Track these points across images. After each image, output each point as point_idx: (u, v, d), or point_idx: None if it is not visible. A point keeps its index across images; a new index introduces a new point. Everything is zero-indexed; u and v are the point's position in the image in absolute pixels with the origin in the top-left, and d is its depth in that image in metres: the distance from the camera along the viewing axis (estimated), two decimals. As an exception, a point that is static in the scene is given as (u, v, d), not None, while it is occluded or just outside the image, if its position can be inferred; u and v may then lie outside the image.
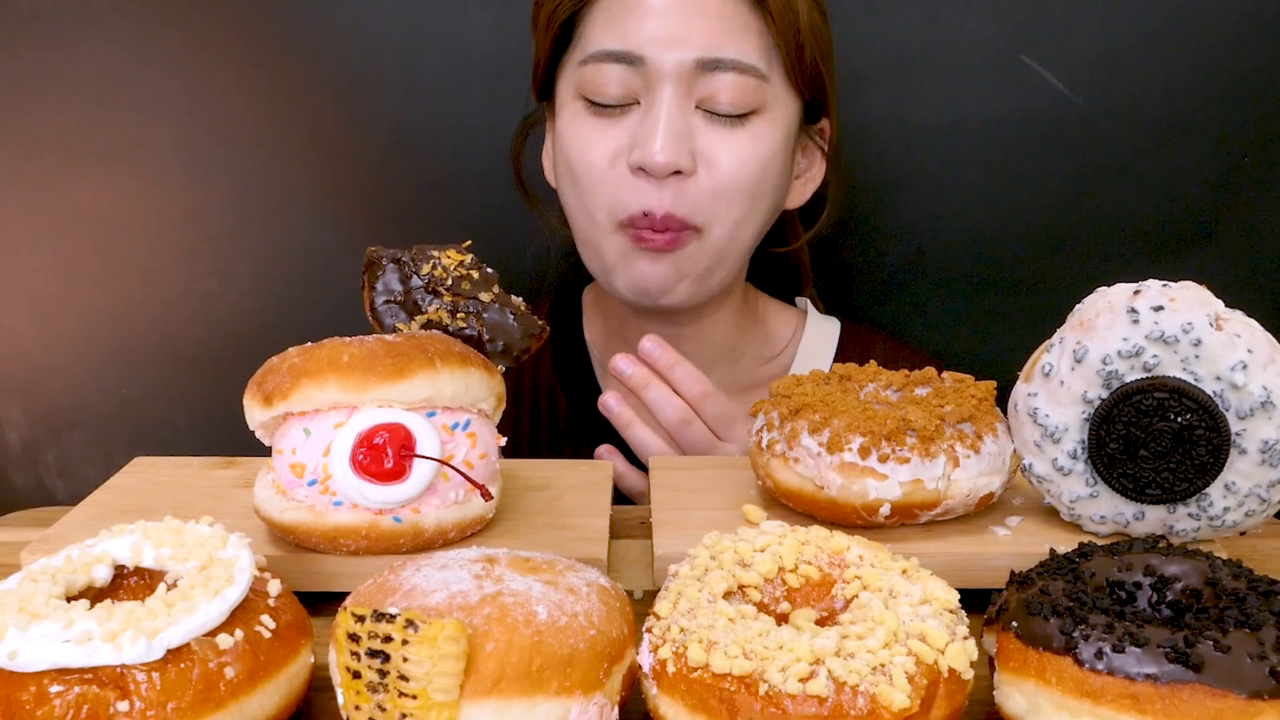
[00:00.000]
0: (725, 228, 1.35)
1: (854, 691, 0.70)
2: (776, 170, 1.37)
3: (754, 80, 1.31)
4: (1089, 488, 0.96)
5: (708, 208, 1.33)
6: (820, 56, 1.35)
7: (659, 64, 1.30)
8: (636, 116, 1.33)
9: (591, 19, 1.35)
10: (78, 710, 0.69)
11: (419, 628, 0.68)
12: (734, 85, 1.30)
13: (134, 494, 1.10)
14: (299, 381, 0.92)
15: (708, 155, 1.32)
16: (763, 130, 1.34)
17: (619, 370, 1.26)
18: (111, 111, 1.62)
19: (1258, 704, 0.70)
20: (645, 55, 1.30)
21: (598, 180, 1.35)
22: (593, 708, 0.73)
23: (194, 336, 1.71)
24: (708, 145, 1.32)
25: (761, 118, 1.33)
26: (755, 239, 1.41)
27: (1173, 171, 1.62)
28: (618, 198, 1.34)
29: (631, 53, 1.31)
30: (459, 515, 0.96)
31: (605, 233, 1.37)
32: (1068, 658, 0.73)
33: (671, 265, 1.36)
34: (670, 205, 1.31)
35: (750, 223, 1.37)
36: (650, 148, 1.29)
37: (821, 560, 0.84)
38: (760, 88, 1.32)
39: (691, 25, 1.29)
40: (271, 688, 0.76)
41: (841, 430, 0.96)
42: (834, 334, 1.59)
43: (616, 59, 1.32)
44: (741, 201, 1.34)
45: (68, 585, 0.79)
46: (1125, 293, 0.93)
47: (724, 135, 1.32)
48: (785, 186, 1.42)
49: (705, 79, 1.30)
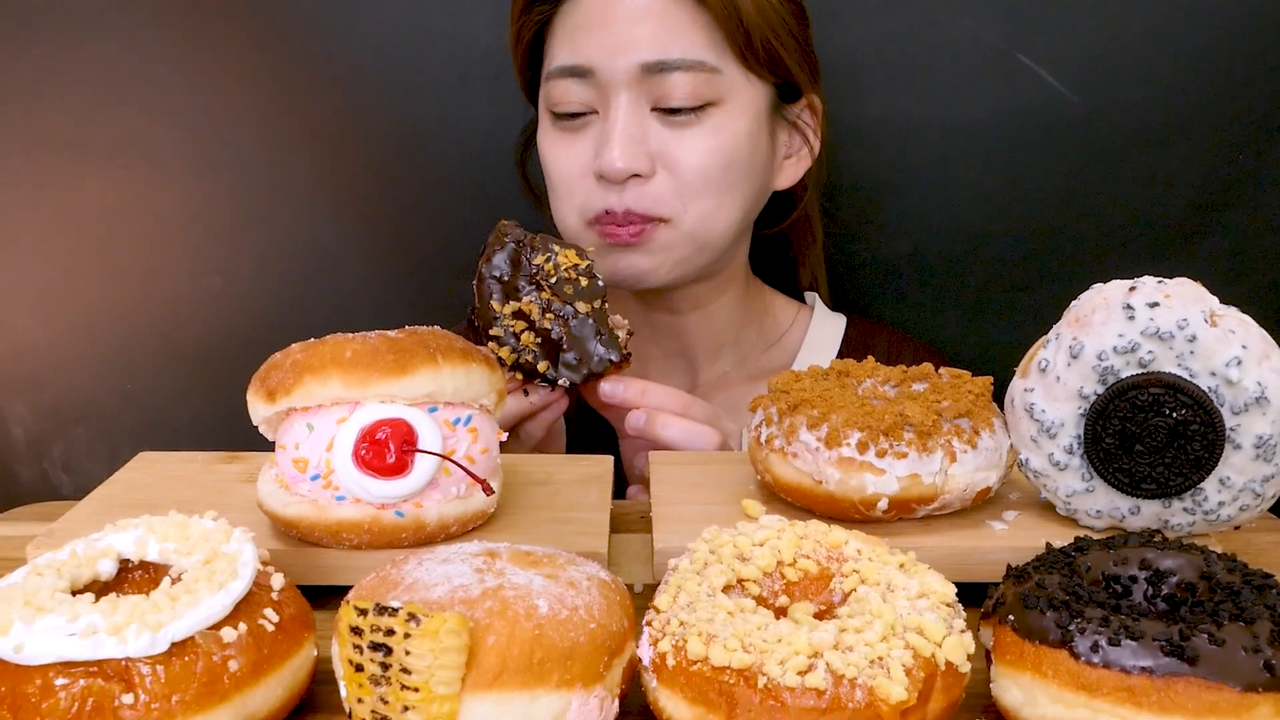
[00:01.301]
0: (694, 218, 1.36)
1: (852, 684, 0.70)
2: (745, 157, 1.37)
3: (704, 74, 1.32)
4: (1085, 482, 0.96)
5: (671, 203, 1.35)
6: (776, 37, 1.35)
7: (608, 73, 1.32)
8: (597, 126, 1.36)
9: (553, 36, 1.39)
10: (83, 703, 0.70)
11: (421, 621, 0.69)
12: (684, 83, 1.31)
13: (138, 489, 1.10)
14: (302, 377, 0.92)
15: (666, 155, 1.34)
16: (721, 122, 1.34)
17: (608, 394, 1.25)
18: (116, 109, 1.62)
19: (1252, 697, 0.70)
20: (595, 66, 1.33)
21: (568, 188, 1.39)
22: (593, 700, 0.73)
23: (198, 333, 1.71)
24: (665, 145, 1.34)
25: (719, 109, 1.34)
26: (740, 221, 1.42)
27: (1168, 169, 1.62)
28: (585, 201, 1.37)
29: (583, 65, 1.34)
30: (461, 510, 0.96)
31: (579, 231, 1.40)
32: (1064, 651, 0.73)
33: (644, 254, 1.38)
34: (631, 203, 1.34)
35: (724, 210, 1.38)
36: (608, 156, 1.32)
37: (820, 554, 0.85)
38: (712, 80, 1.32)
39: (635, 31, 1.31)
40: (275, 680, 0.76)
41: (840, 425, 0.96)
42: (839, 329, 1.60)
43: (571, 73, 1.35)
44: (708, 194, 1.36)
45: (73, 579, 0.79)
46: (1121, 289, 0.93)
47: (680, 134, 1.34)
48: (766, 169, 1.43)
49: (655, 81, 1.31)
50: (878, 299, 1.70)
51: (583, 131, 1.37)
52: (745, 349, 1.57)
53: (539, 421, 1.27)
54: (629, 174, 1.32)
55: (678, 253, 1.38)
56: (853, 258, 1.70)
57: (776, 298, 1.63)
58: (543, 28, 1.40)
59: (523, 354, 1.19)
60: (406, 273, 1.27)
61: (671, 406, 1.24)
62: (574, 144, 1.38)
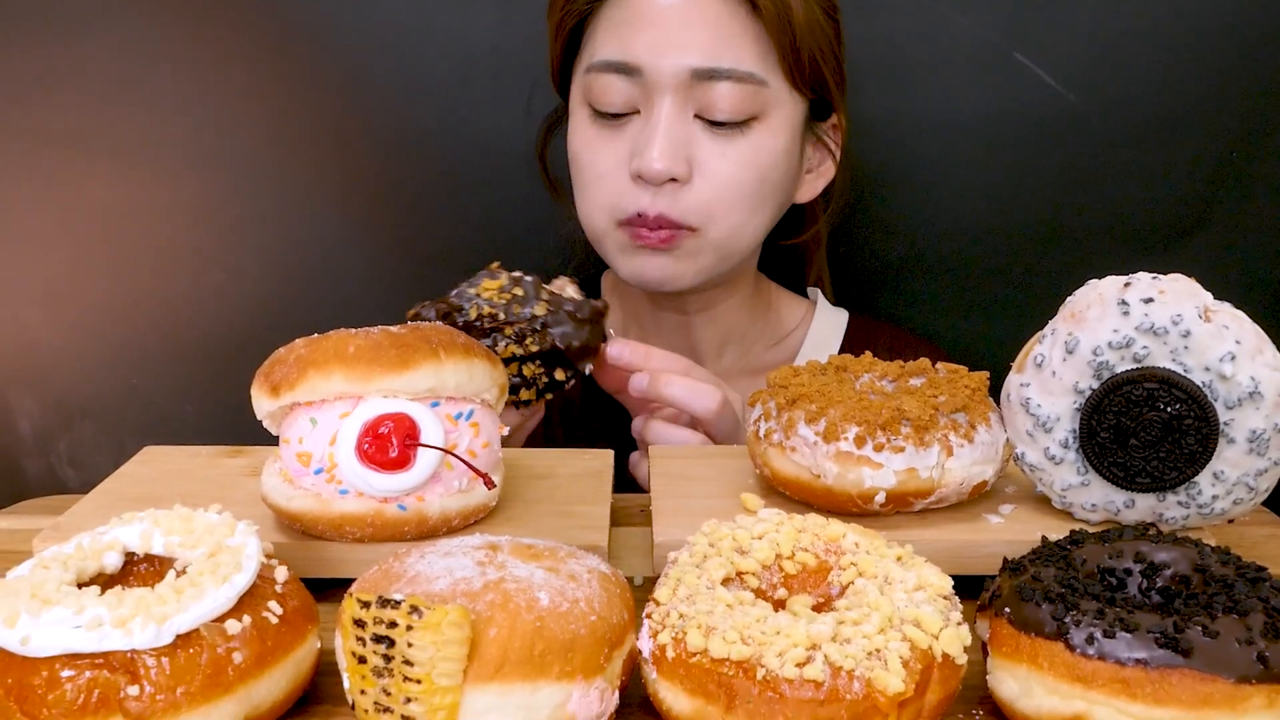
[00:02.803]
0: (722, 230, 1.36)
1: (850, 676, 0.71)
2: (780, 174, 1.37)
3: (751, 87, 1.30)
4: (1080, 476, 0.96)
5: (702, 213, 1.34)
6: (821, 55, 1.34)
7: (656, 74, 1.30)
8: (638, 125, 1.34)
9: (596, 27, 1.36)
10: (89, 694, 0.70)
11: (423, 614, 0.69)
12: (731, 94, 1.30)
13: (144, 482, 1.10)
14: (305, 372, 0.92)
15: (705, 164, 1.33)
16: (763, 138, 1.33)
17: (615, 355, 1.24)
18: (122, 107, 1.62)
19: (1245, 688, 0.70)
20: (643, 65, 1.31)
21: (600, 185, 1.37)
22: (594, 692, 0.74)
23: (203, 328, 1.71)
24: (705, 154, 1.32)
25: (762, 124, 1.33)
26: (762, 233, 1.42)
27: (1162, 166, 1.62)
28: (617, 200, 1.35)
29: (629, 63, 1.31)
30: (462, 503, 0.96)
31: (606, 229, 1.39)
32: (1059, 643, 0.74)
33: (671, 259, 1.37)
34: (664, 208, 1.33)
35: (752, 223, 1.38)
36: (647, 156, 1.30)
37: (818, 547, 0.85)
38: (758, 94, 1.31)
39: (687, 34, 1.29)
40: (278, 672, 0.76)
41: (838, 420, 0.96)
42: (842, 324, 1.60)
43: (616, 69, 1.33)
44: (740, 207, 1.35)
45: (79, 572, 0.79)
46: (1116, 285, 0.93)
47: (722, 144, 1.33)
48: (793, 183, 1.42)
49: (702, 88, 1.30)
50: (874, 295, 1.70)
51: (623, 130, 1.36)
52: (749, 345, 1.57)
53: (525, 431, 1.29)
54: (667, 177, 1.31)
55: (703, 261, 1.38)
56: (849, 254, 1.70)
57: (782, 295, 1.63)
58: (584, 19, 1.38)
59: (539, 381, 1.19)
60: (409, 269, 1.28)
61: (674, 368, 1.25)
62: (612, 141, 1.36)
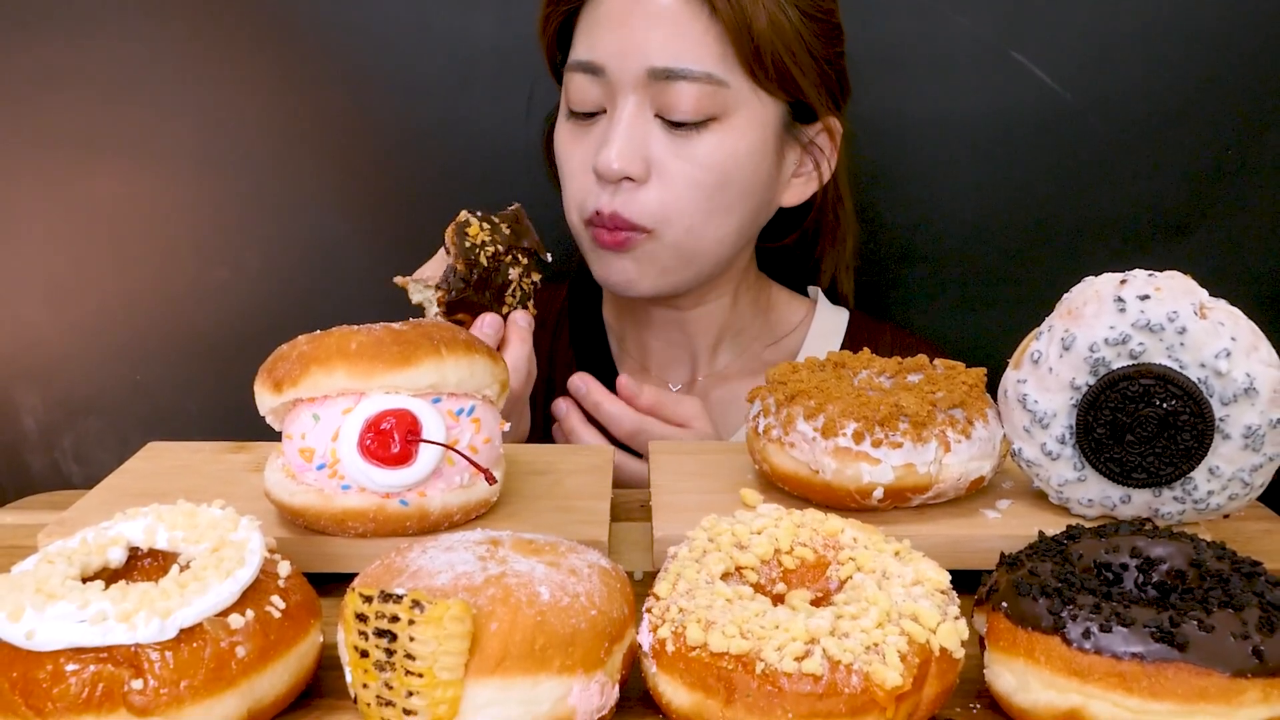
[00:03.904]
0: (677, 232, 1.35)
1: (848, 670, 0.71)
2: (745, 175, 1.36)
3: (710, 87, 1.30)
4: (1077, 472, 0.97)
5: (656, 214, 1.34)
6: (791, 57, 1.32)
7: (618, 74, 1.32)
8: (604, 124, 1.36)
9: (578, 28, 1.38)
10: (93, 688, 0.70)
11: (425, 608, 0.69)
12: (690, 94, 1.30)
13: (148, 478, 1.11)
14: (308, 368, 0.93)
15: (662, 164, 1.33)
16: (723, 139, 1.33)
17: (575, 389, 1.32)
18: (125, 106, 1.62)
19: (1241, 682, 0.71)
20: (606, 65, 1.32)
21: (571, 183, 1.40)
22: (594, 686, 0.74)
23: (206, 325, 1.71)
24: (663, 154, 1.33)
25: (722, 125, 1.33)
26: (735, 236, 1.41)
27: (1158, 164, 1.62)
28: (584, 199, 1.37)
29: (595, 63, 1.33)
30: (464, 499, 0.97)
31: (578, 228, 1.41)
32: (1056, 637, 0.74)
33: (630, 262, 1.38)
34: (619, 207, 1.33)
35: (713, 226, 1.37)
36: (604, 155, 1.31)
37: (816, 542, 0.85)
38: (718, 94, 1.31)
39: (648, 35, 1.30)
40: (281, 666, 0.76)
41: (836, 416, 0.97)
42: (842, 323, 1.60)
43: (585, 69, 1.34)
44: (697, 210, 1.35)
45: (83, 567, 0.79)
46: (1112, 282, 0.93)
47: (679, 144, 1.33)
48: (769, 186, 1.41)
49: (661, 88, 1.30)
50: (871, 292, 1.70)
51: (592, 128, 1.37)
52: (747, 343, 1.57)
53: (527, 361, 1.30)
54: (622, 175, 1.31)
55: (662, 264, 1.38)
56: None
57: (781, 294, 1.62)
58: (572, 16, 1.39)
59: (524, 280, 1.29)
60: (410, 266, 1.28)
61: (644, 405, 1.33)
62: (582, 140, 1.38)
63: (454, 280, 1.23)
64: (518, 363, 1.26)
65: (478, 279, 1.24)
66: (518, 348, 1.27)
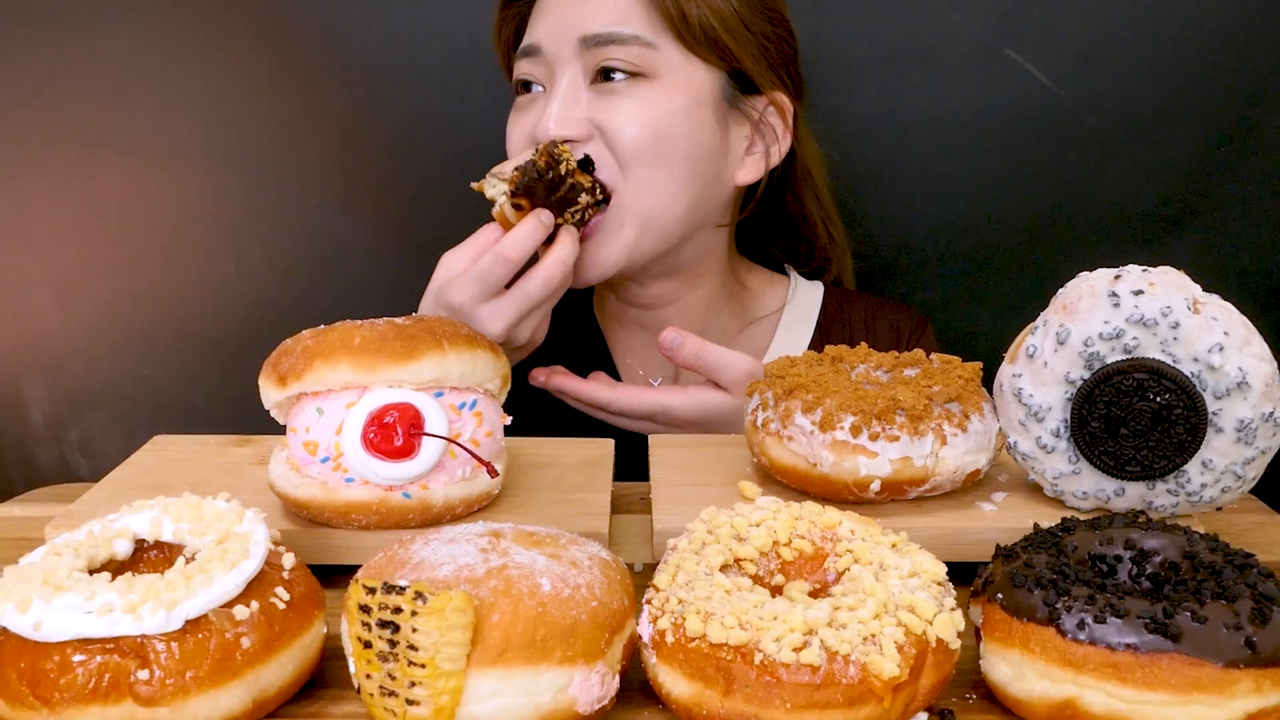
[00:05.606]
0: (633, 191, 1.36)
1: (845, 661, 0.72)
2: (682, 135, 1.36)
3: (639, 48, 1.34)
4: (1071, 465, 0.97)
5: (610, 167, 1.36)
6: (720, 22, 1.35)
7: (552, 49, 1.36)
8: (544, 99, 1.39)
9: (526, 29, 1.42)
10: (100, 678, 0.71)
11: (427, 599, 0.70)
12: (619, 54, 1.33)
13: (154, 471, 1.11)
14: (312, 362, 0.93)
15: (601, 122, 1.35)
16: (653, 96, 1.35)
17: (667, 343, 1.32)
18: (132, 104, 1.62)
19: (1233, 673, 0.71)
20: (542, 44, 1.37)
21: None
22: (594, 676, 0.75)
23: (212, 319, 1.72)
24: (601, 112, 1.35)
25: (653, 83, 1.35)
26: (690, 207, 1.41)
27: (1152, 161, 1.63)
28: None
29: (533, 44, 1.38)
30: (466, 491, 0.97)
31: None
32: (1051, 628, 0.74)
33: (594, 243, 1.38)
34: None
35: (662, 185, 1.37)
36: (543, 123, 1.35)
37: (814, 535, 0.86)
38: (647, 54, 1.34)
39: (578, 10, 1.35)
40: (286, 657, 0.77)
41: (834, 409, 0.97)
42: (816, 300, 1.60)
43: (525, 54, 1.39)
44: (640, 165, 1.36)
45: (90, 559, 0.80)
46: (1106, 277, 0.94)
47: (613, 102, 1.35)
48: (715, 158, 1.41)
49: (593, 54, 1.34)
50: (868, 287, 1.71)
51: (532, 105, 1.40)
52: (723, 326, 1.58)
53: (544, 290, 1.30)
54: (561, 139, 1.33)
55: (626, 235, 1.38)
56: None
57: (759, 276, 1.63)
58: (523, 22, 1.43)
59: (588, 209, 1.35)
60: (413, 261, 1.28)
61: None
62: (523, 117, 1.41)
63: (530, 170, 1.28)
64: (558, 263, 1.29)
65: (551, 179, 1.29)
66: (562, 249, 1.31)
